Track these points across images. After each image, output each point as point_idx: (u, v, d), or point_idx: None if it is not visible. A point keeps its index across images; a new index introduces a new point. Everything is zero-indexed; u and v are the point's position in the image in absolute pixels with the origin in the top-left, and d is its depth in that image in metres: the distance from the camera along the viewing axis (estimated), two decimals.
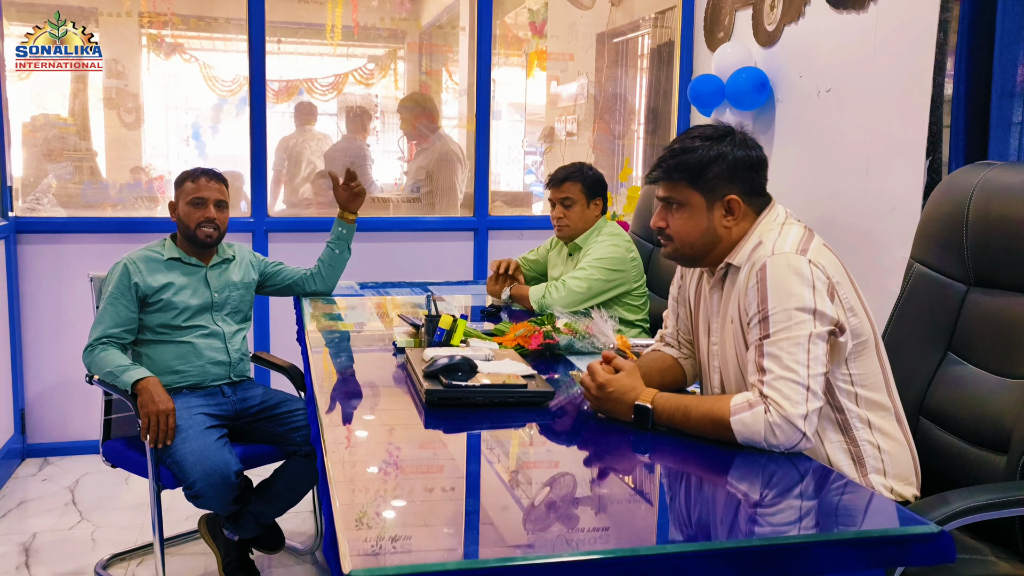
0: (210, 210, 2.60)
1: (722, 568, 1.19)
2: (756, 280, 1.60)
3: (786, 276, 1.57)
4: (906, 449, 1.70)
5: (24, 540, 2.94)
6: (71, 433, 3.70)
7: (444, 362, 1.82)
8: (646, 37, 4.47)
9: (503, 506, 1.36)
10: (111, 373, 2.42)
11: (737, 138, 1.73)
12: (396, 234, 4.01)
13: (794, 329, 1.54)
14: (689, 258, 1.79)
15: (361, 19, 4.15)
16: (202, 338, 2.60)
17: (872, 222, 2.81)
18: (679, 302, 1.96)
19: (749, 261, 1.66)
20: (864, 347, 1.65)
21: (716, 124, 1.76)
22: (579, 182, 2.92)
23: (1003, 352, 1.72)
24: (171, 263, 2.62)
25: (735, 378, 1.73)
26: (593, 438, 1.71)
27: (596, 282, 2.78)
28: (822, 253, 1.63)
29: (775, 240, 1.64)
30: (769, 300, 1.57)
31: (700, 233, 1.73)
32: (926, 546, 1.24)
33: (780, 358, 1.54)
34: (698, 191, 1.72)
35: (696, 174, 1.71)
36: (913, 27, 2.68)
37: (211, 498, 2.31)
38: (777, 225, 1.69)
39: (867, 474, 1.65)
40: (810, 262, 1.58)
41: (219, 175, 2.68)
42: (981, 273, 1.80)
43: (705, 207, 1.72)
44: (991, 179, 1.80)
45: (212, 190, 2.62)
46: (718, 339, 1.78)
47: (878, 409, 1.67)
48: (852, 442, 1.65)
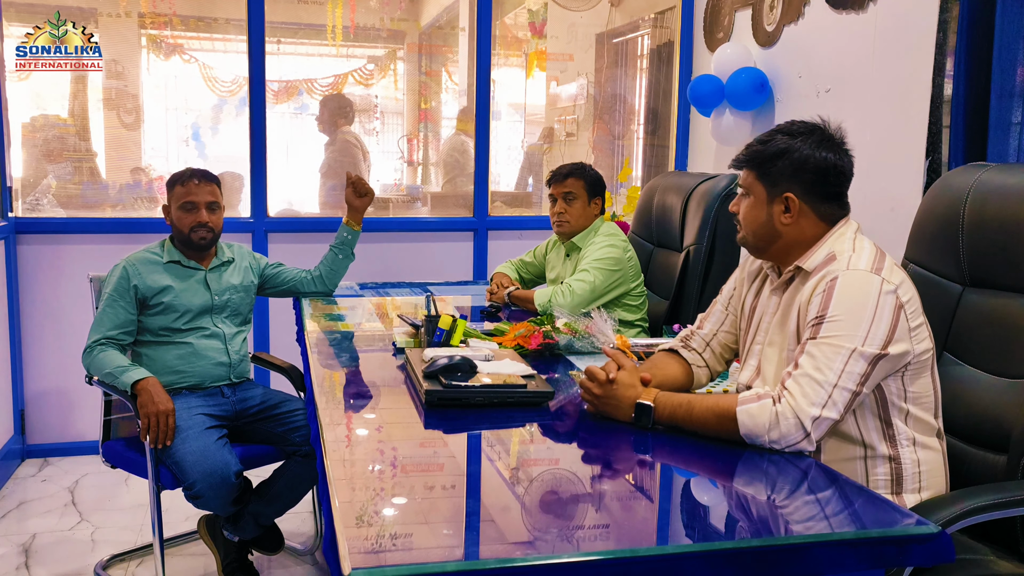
0: (202, 214, 2.58)
1: (722, 568, 1.19)
2: (824, 289, 1.59)
3: (855, 294, 1.56)
4: (943, 465, 1.68)
5: (24, 541, 2.94)
6: (71, 433, 3.70)
7: (444, 362, 1.82)
8: (646, 37, 4.47)
9: (503, 505, 1.36)
10: (110, 374, 2.42)
11: (818, 138, 1.70)
12: (396, 234, 4.01)
13: (842, 339, 1.53)
14: (754, 247, 1.78)
15: (361, 20, 4.15)
16: (203, 339, 2.60)
17: (872, 222, 2.81)
18: (729, 308, 1.94)
19: (821, 271, 1.64)
20: (924, 366, 1.64)
21: (808, 121, 1.73)
22: (582, 179, 2.95)
23: (999, 352, 1.72)
24: (170, 266, 2.61)
25: (773, 382, 1.70)
26: (593, 438, 1.71)
27: (599, 282, 2.79)
28: (894, 272, 1.61)
29: (850, 256, 1.63)
30: (831, 308, 1.56)
31: (759, 225, 1.73)
32: (926, 546, 1.24)
33: (816, 358, 1.53)
34: (762, 183, 1.72)
35: (762, 166, 1.71)
36: (912, 27, 2.68)
37: (211, 499, 2.31)
38: (849, 239, 1.68)
39: (902, 493, 1.63)
40: (884, 281, 1.57)
41: (209, 175, 2.65)
42: (976, 273, 1.80)
43: (766, 200, 1.71)
44: (986, 180, 1.81)
45: (203, 192, 2.59)
46: (763, 339, 1.76)
47: (925, 427, 1.66)
48: (896, 460, 1.63)
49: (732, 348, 1.94)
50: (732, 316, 1.93)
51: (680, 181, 3.23)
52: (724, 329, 1.94)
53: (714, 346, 1.94)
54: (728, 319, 1.93)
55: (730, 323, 1.93)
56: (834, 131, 1.72)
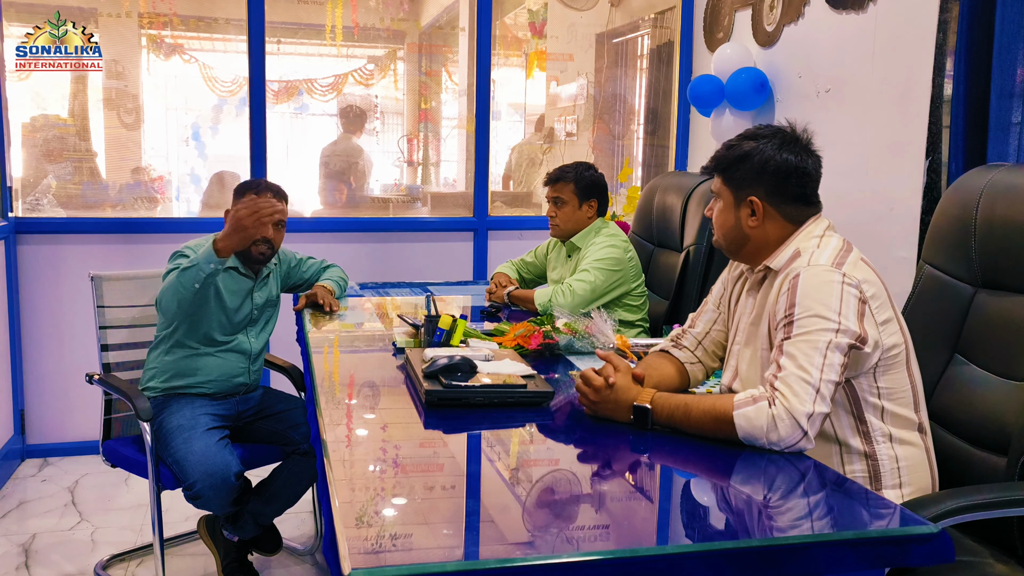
0: (268, 230, 2.48)
1: (722, 568, 1.19)
2: (788, 287, 1.62)
3: (817, 287, 1.59)
4: (925, 460, 1.69)
5: (24, 541, 2.94)
6: (71, 433, 3.69)
7: (444, 362, 1.82)
8: (645, 37, 4.47)
9: (503, 505, 1.37)
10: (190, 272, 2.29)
11: (780, 140, 1.72)
12: (396, 234, 4.01)
13: (815, 334, 1.55)
14: (726, 250, 1.82)
15: (361, 20, 4.15)
16: (231, 353, 2.57)
17: (872, 222, 2.81)
18: (720, 308, 1.96)
19: (785, 270, 1.67)
20: (895, 360, 1.65)
21: (773, 124, 1.77)
22: (572, 183, 2.95)
23: (1008, 354, 1.72)
24: (229, 272, 2.53)
25: (749, 382, 1.73)
26: (593, 438, 1.71)
27: (599, 283, 2.80)
28: (857, 267, 1.64)
29: (812, 252, 1.66)
30: (797, 305, 1.59)
31: (728, 228, 1.76)
32: (925, 546, 1.24)
33: (796, 357, 1.55)
34: (728, 187, 1.75)
35: (727, 170, 1.74)
36: (912, 27, 2.68)
37: (210, 499, 2.31)
38: (816, 237, 1.70)
39: (881, 489, 1.64)
40: (844, 275, 1.59)
41: (283, 192, 2.60)
42: (988, 275, 1.80)
43: (733, 203, 1.75)
44: (998, 181, 1.80)
45: (275, 209, 2.46)
46: (741, 339, 1.79)
47: (903, 422, 1.67)
48: (872, 456, 1.65)
49: (724, 345, 1.96)
50: (723, 315, 1.95)
51: (680, 181, 3.23)
52: (716, 328, 1.96)
53: (706, 344, 1.96)
54: (719, 318, 1.96)
55: (721, 322, 1.95)
56: (800, 133, 1.75)
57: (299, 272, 2.85)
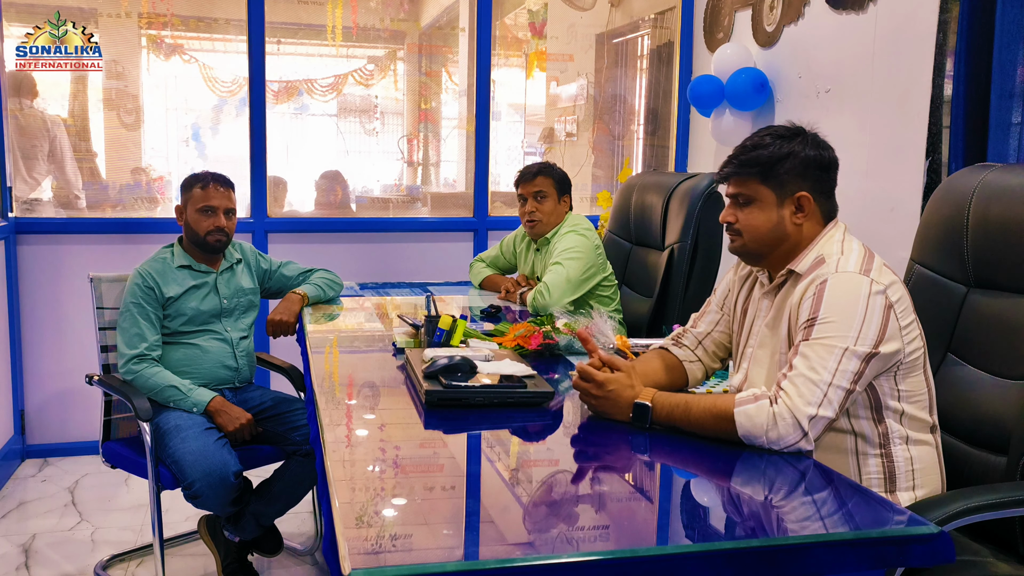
0: (220, 218, 2.58)
1: (722, 568, 1.19)
2: (815, 292, 1.61)
3: (845, 295, 1.58)
4: (937, 460, 1.70)
5: (24, 541, 2.94)
6: (71, 434, 3.70)
7: (444, 362, 1.82)
8: (646, 38, 4.47)
9: (503, 505, 1.36)
10: (171, 395, 2.44)
11: (808, 138, 1.74)
12: (396, 234, 4.02)
13: (834, 340, 1.55)
14: (755, 254, 1.78)
15: (361, 20, 4.15)
16: (211, 341, 2.60)
17: (872, 222, 2.81)
18: (723, 309, 1.95)
19: (810, 275, 1.66)
20: (915, 364, 1.65)
21: (788, 124, 1.78)
22: (551, 177, 3.01)
23: (1003, 353, 1.72)
24: (182, 271, 2.60)
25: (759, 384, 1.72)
26: (593, 438, 1.71)
27: (572, 272, 2.84)
28: (883, 273, 1.64)
29: (838, 258, 1.65)
30: (822, 310, 1.58)
31: (770, 228, 1.73)
32: (926, 546, 1.24)
33: (809, 358, 1.54)
34: (769, 187, 1.73)
35: (768, 170, 1.72)
36: (912, 28, 2.68)
37: (210, 498, 2.31)
38: (837, 242, 1.70)
39: (895, 491, 1.64)
40: (873, 282, 1.59)
41: (228, 181, 2.66)
42: (981, 274, 1.80)
43: (776, 203, 1.73)
44: (990, 181, 1.80)
45: (222, 197, 2.60)
46: (755, 342, 1.78)
47: (919, 424, 1.67)
48: (888, 457, 1.65)
49: (726, 347, 1.96)
50: (726, 317, 1.95)
51: (659, 180, 3.23)
52: (719, 329, 1.95)
53: (707, 344, 1.96)
54: (723, 319, 1.95)
55: (724, 323, 1.95)
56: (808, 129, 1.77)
57: (280, 276, 2.85)
